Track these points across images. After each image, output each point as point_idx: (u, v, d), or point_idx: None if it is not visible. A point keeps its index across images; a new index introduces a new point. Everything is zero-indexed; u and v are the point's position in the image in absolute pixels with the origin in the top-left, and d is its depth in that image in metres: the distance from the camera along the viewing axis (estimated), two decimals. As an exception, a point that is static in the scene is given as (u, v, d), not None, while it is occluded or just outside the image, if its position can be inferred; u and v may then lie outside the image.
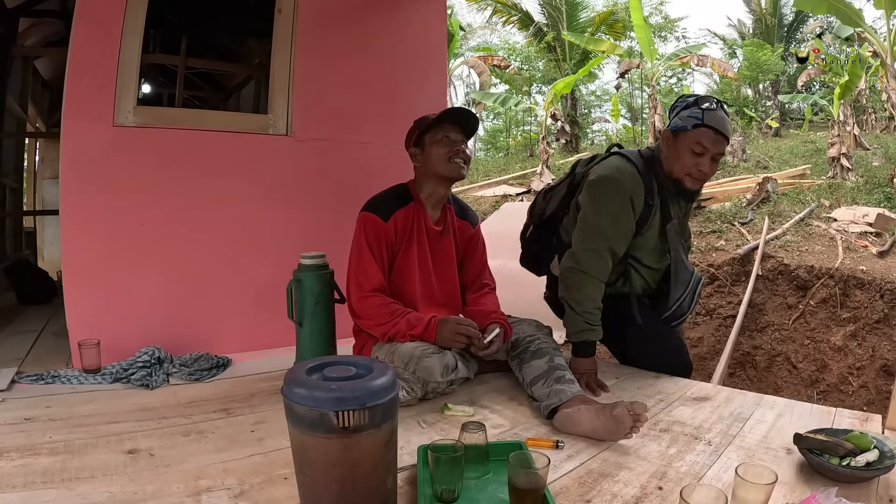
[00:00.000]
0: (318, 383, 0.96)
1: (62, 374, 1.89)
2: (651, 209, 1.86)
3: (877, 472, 1.15)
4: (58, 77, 4.43)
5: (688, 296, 2.00)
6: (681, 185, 1.83)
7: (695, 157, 1.78)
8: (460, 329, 1.68)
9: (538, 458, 1.06)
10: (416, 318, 1.70)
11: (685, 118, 1.79)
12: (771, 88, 16.71)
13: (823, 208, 5.68)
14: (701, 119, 1.75)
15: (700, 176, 1.81)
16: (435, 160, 1.78)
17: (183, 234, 2.24)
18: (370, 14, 2.70)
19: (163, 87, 5.05)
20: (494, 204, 8.16)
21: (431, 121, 1.79)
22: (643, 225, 1.87)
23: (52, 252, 6.13)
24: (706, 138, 1.75)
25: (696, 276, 2.04)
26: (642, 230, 1.88)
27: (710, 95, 1.86)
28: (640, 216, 1.85)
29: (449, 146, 1.77)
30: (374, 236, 1.75)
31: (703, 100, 1.80)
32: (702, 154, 1.77)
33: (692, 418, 1.55)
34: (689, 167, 1.79)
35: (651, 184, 1.85)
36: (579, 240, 1.86)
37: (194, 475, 1.21)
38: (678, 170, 1.82)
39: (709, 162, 1.78)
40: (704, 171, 1.79)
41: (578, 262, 1.83)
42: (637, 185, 1.82)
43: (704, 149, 1.76)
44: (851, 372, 4.11)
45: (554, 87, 10.71)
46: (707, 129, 1.74)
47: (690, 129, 1.76)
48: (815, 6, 7.67)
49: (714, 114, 1.75)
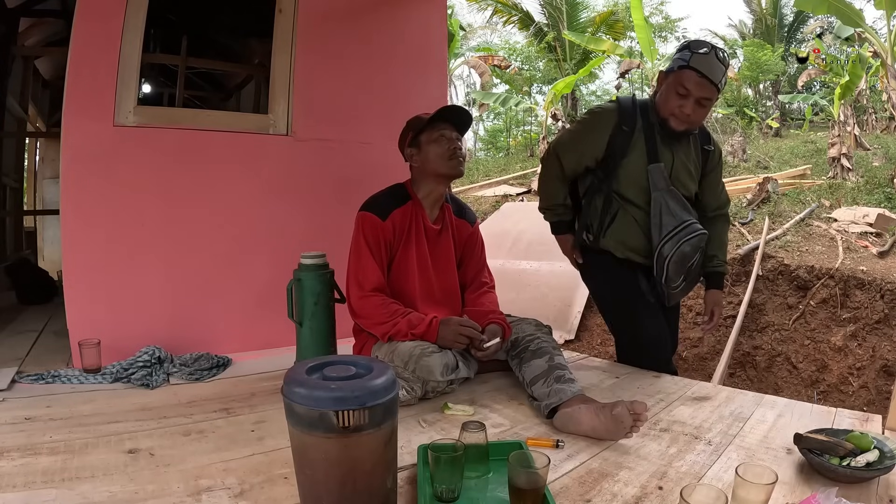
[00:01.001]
0: (318, 383, 0.96)
1: (62, 374, 1.90)
2: (627, 136, 1.89)
3: (877, 473, 1.15)
4: (58, 77, 4.43)
5: (669, 242, 1.86)
6: (666, 125, 1.87)
7: (679, 98, 1.81)
8: (462, 330, 1.68)
9: (538, 457, 1.06)
10: (417, 319, 1.70)
11: (675, 59, 1.84)
12: (771, 88, 16.71)
13: (824, 208, 5.68)
14: (687, 61, 1.79)
15: (683, 117, 1.83)
16: (434, 159, 1.78)
17: (183, 234, 2.24)
18: (371, 14, 2.70)
19: (163, 87, 5.06)
20: (495, 204, 8.16)
21: (427, 121, 1.79)
22: (620, 153, 1.90)
23: (53, 252, 6.13)
24: (689, 80, 1.78)
25: (689, 228, 1.87)
26: (619, 159, 1.91)
27: (708, 42, 1.87)
28: (616, 142, 1.90)
29: (447, 144, 1.78)
30: (373, 235, 1.75)
31: (696, 44, 1.82)
32: (685, 96, 1.80)
33: (692, 418, 1.55)
34: (673, 107, 1.83)
35: (633, 116, 1.91)
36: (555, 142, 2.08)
37: (194, 475, 1.21)
38: (664, 110, 1.86)
39: (692, 104, 1.81)
40: (687, 112, 1.82)
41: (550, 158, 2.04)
42: (610, 111, 1.93)
43: (687, 91, 1.79)
44: (851, 372, 4.11)
45: (554, 87, 10.72)
46: (691, 71, 1.78)
47: (676, 70, 1.82)
48: (815, 6, 7.66)
49: (703, 57, 1.77)
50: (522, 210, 6.67)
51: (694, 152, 1.99)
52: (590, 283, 2.18)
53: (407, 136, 1.86)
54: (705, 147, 2.02)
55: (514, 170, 11.14)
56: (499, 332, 1.74)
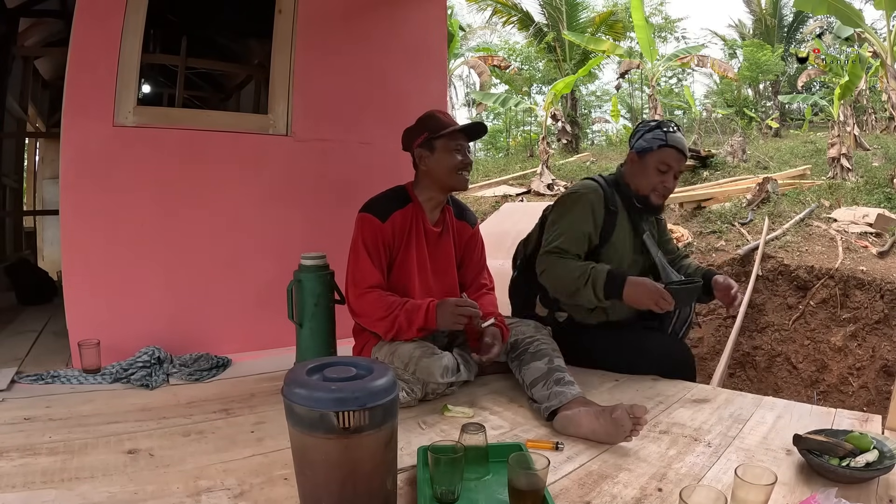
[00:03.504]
0: (319, 384, 0.96)
1: (62, 374, 1.90)
2: (614, 216, 1.97)
3: (876, 473, 1.15)
4: (58, 77, 4.43)
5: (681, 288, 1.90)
6: (648, 200, 1.98)
7: (660, 174, 1.94)
8: (459, 311, 1.66)
9: (538, 459, 1.06)
10: (414, 308, 1.68)
11: (650, 140, 1.95)
12: (771, 89, 16.72)
13: (823, 209, 5.68)
14: (664, 140, 1.92)
15: (664, 191, 1.97)
16: (444, 169, 1.77)
17: (183, 235, 2.24)
18: (370, 14, 2.70)
19: (163, 87, 5.05)
20: (494, 204, 8.16)
21: (448, 132, 1.76)
22: (610, 232, 1.95)
23: (52, 252, 6.13)
24: (670, 157, 1.93)
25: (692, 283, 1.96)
26: (610, 238, 1.95)
27: (668, 120, 2.05)
28: (604, 223, 1.95)
29: (460, 158, 1.77)
30: (372, 237, 1.74)
31: (664, 124, 1.98)
32: (666, 171, 1.94)
33: (692, 420, 1.55)
34: (656, 183, 1.95)
35: (613, 196, 2.00)
36: (546, 242, 1.95)
37: (194, 475, 1.21)
38: (645, 186, 1.96)
39: (672, 178, 1.96)
40: (669, 186, 1.96)
41: (550, 254, 1.91)
42: (597, 194, 1.96)
43: (669, 167, 1.93)
44: (851, 372, 4.12)
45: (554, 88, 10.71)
46: (671, 148, 1.92)
47: (656, 150, 1.93)
48: (815, 6, 7.66)
49: (675, 135, 1.94)
50: (522, 210, 6.66)
51: (651, 220, 2.11)
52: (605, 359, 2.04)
53: (420, 134, 1.80)
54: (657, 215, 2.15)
55: (513, 170, 11.13)
56: (498, 334, 1.74)
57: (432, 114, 1.83)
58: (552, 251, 1.90)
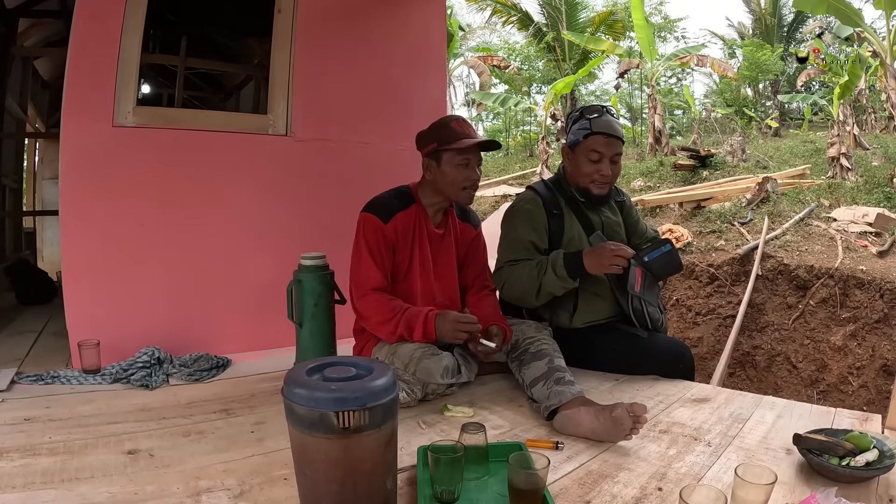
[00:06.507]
0: (319, 384, 0.96)
1: (62, 375, 1.89)
2: (560, 218, 1.94)
3: (876, 472, 1.15)
4: (58, 77, 4.43)
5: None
6: (589, 193, 1.93)
7: (593, 164, 1.89)
8: (460, 326, 1.66)
9: (538, 458, 1.06)
10: (413, 318, 1.68)
11: (576, 131, 1.90)
12: (770, 88, 16.74)
13: (823, 208, 5.68)
14: (589, 128, 1.87)
15: (603, 179, 1.91)
16: (450, 182, 1.75)
17: (183, 235, 2.24)
18: (370, 14, 2.70)
19: (162, 88, 5.05)
20: (494, 204, 8.17)
21: (456, 147, 1.71)
22: (560, 234, 1.93)
23: (52, 252, 6.13)
24: (599, 144, 1.86)
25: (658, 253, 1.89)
26: (561, 240, 1.92)
27: (596, 104, 1.96)
28: (549, 227, 1.92)
29: (467, 174, 1.75)
30: (374, 238, 1.74)
31: (588, 110, 1.92)
32: (599, 160, 1.88)
33: (692, 419, 1.55)
34: (592, 174, 1.90)
35: (555, 198, 1.96)
36: (497, 262, 1.93)
37: (194, 475, 1.21)
38: (582, 179, 1.92)
39: (608, 165, 1.89)
40: (606, 174, 1.90)
41: (501, 270, 1.89)
42: (535, 202, 1.93)
43: (600, 154, 1.87)
44: (851, 372, 4.12)
45: (554, 87, 10.72)
46: (597, 135, 1.86)
47: (583, 140, 1.88)
48: (814, 6, 7.67)
49: (600, 120, 1.86)
50: (522, 210, 6.66)
51: (612, 208, 2.08)
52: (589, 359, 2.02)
53: (430, 142, 1.76)
54: (618, 200, 2.12)
55: (513, 170, 11.15)
56: (500, 335, 1.74)
57: (447, 122, 1.78)
58: (502, 266, 1.91)
